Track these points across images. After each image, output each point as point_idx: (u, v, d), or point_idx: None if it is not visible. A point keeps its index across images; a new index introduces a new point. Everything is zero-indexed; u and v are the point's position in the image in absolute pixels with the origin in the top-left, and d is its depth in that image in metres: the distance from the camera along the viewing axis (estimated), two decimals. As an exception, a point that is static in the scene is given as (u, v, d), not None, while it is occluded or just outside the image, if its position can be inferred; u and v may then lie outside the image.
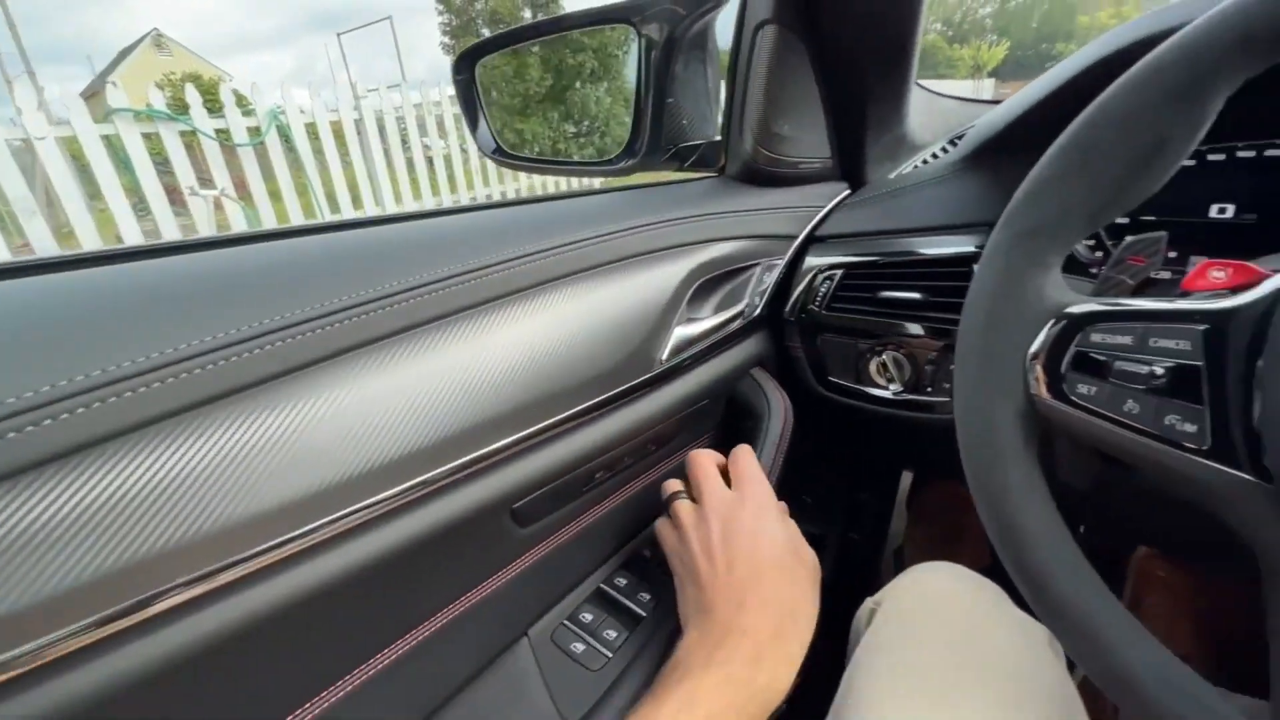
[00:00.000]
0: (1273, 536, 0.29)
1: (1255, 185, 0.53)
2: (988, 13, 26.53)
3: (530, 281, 0.43)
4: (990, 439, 0.35)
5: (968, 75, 21.46)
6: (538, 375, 0.41)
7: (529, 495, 0.43)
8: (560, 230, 0.47)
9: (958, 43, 22.98)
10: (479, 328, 0.40)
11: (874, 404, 0.66)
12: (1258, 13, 0.28)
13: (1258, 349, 0.28)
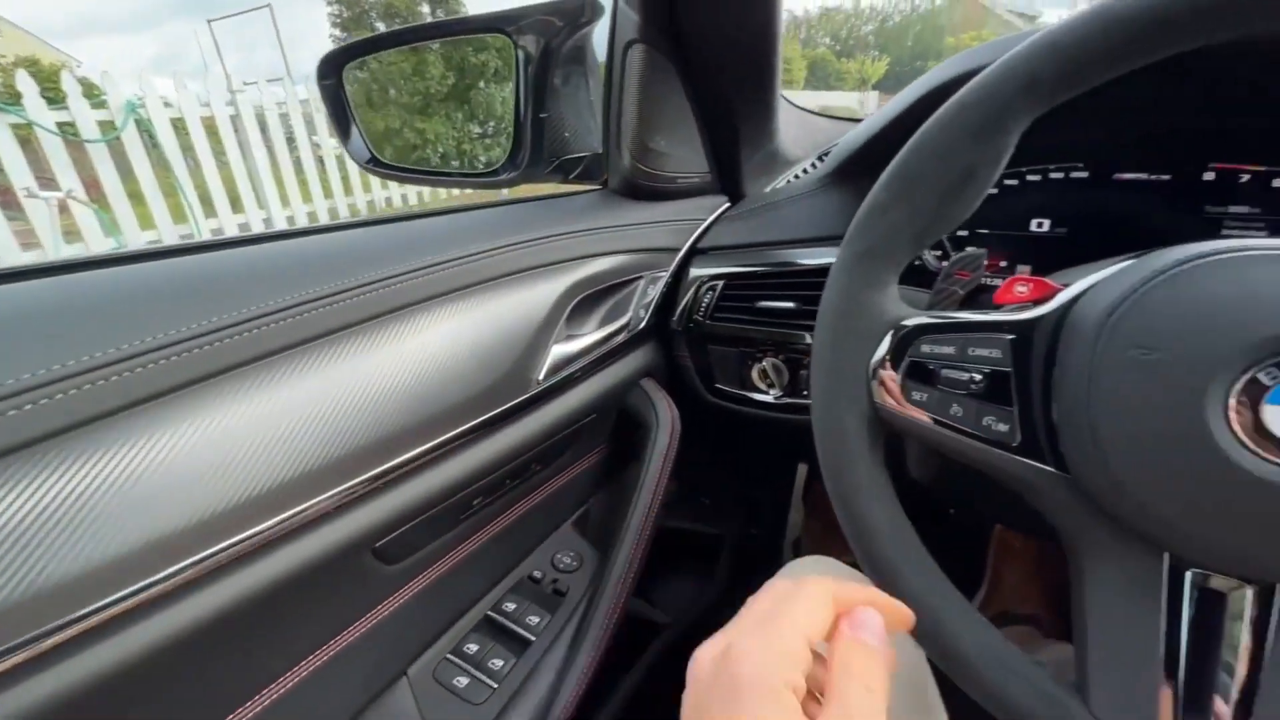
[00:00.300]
0: (1070, 521, 0.33)
1: (1064, 202, 0.61)
2: (870, 30, 28.68)
3: (394, 305, 0.41)
4: (841, 444, 0.38)
5: (855, 87, 23.07)
6: (401, 404, 0.39)
7: (393, 532, 0.41)
8: (434, 249, 0.45)
9: (845, 57, 24.65)
10: (337, 355, 0.37)
11: (758, 408, 0.69)
12: (1040, 61, 0.32)
13: (1054, 355, 0.32)
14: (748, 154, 0.72)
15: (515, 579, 0.57)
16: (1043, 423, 0.32)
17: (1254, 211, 0.55)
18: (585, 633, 0.52)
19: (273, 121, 5.02)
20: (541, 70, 0.65)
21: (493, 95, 7.61)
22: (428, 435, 0.41)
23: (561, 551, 0.61)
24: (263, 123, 4.94)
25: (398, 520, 0.40)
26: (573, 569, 0.60)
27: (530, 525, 0.58)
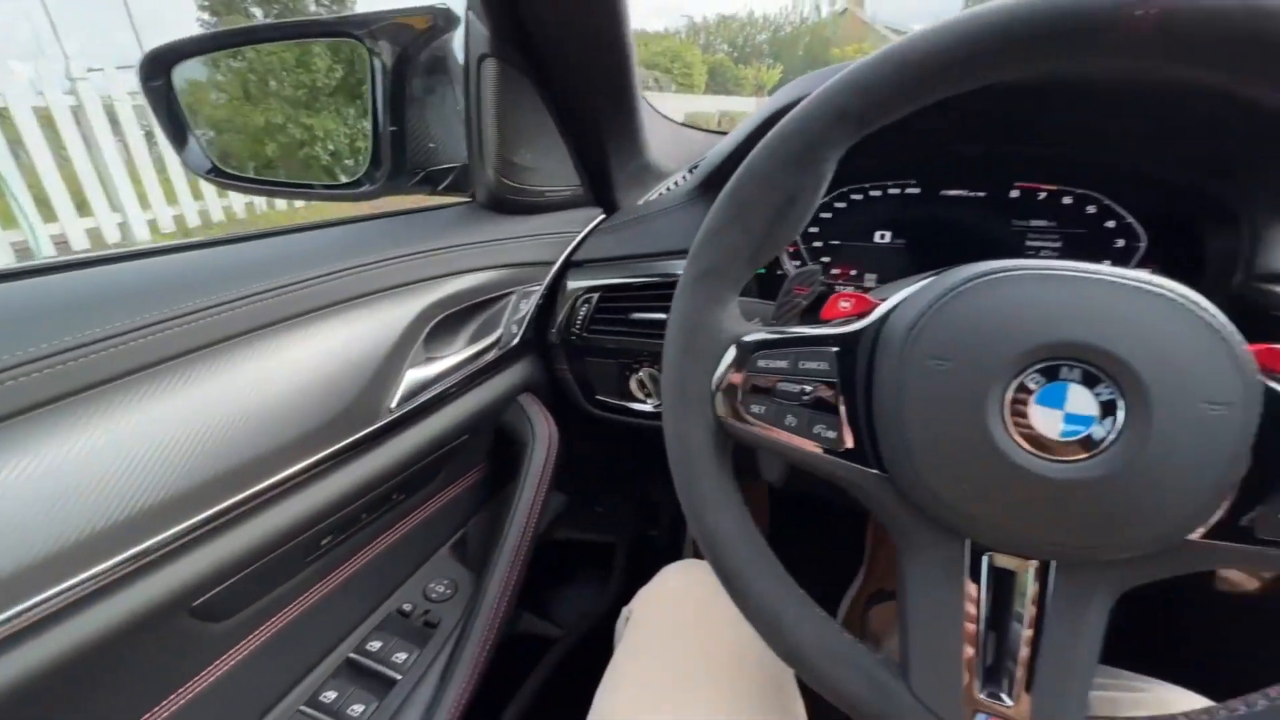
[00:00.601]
0: (892, 516, 0.36)
1: (901, 216, 0.67)
2: (764, 39, 29.97)
3: (223, 334, 0.38)
4: (689, 459, 0.39)
5: (753, 93, 24.07)
6: (228, 444, 0.36)
7: (215, 588, 0.37)
8: (284, 270, 0.42)
9: (742, 63, 25.65)
10: (154, 392, 0.34)
11: (638, 418, 0.71)
12: (845, 97, 0.35)
13: (872, 366, 0.35)
14: (619, 166, 0.73)
15: (383, 615, 0.54)
16: (865, 429, 0.35)
17: (1050, 225, 0.63)
18: (457, 663, 0.50)
19: (126, 114, 4.46)
20: (398, 78, 0.62)
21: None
22: (257, 476, 0.38)
23: (435, 580, 0.59)
24: (113, 115, 4.39)
25: (219, 574, 0.37)
26: (447, 597, 0.57)
27: (399, 556, 0.55)
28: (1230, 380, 0.28)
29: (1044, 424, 0.30)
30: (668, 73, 17.88)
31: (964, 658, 0.34)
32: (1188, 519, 0.29)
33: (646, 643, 0.49)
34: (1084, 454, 0.29)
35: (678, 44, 19.44)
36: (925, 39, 0.33)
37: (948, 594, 0.34)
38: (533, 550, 0.60)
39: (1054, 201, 0.62)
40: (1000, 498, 0.31)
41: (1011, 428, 0.30)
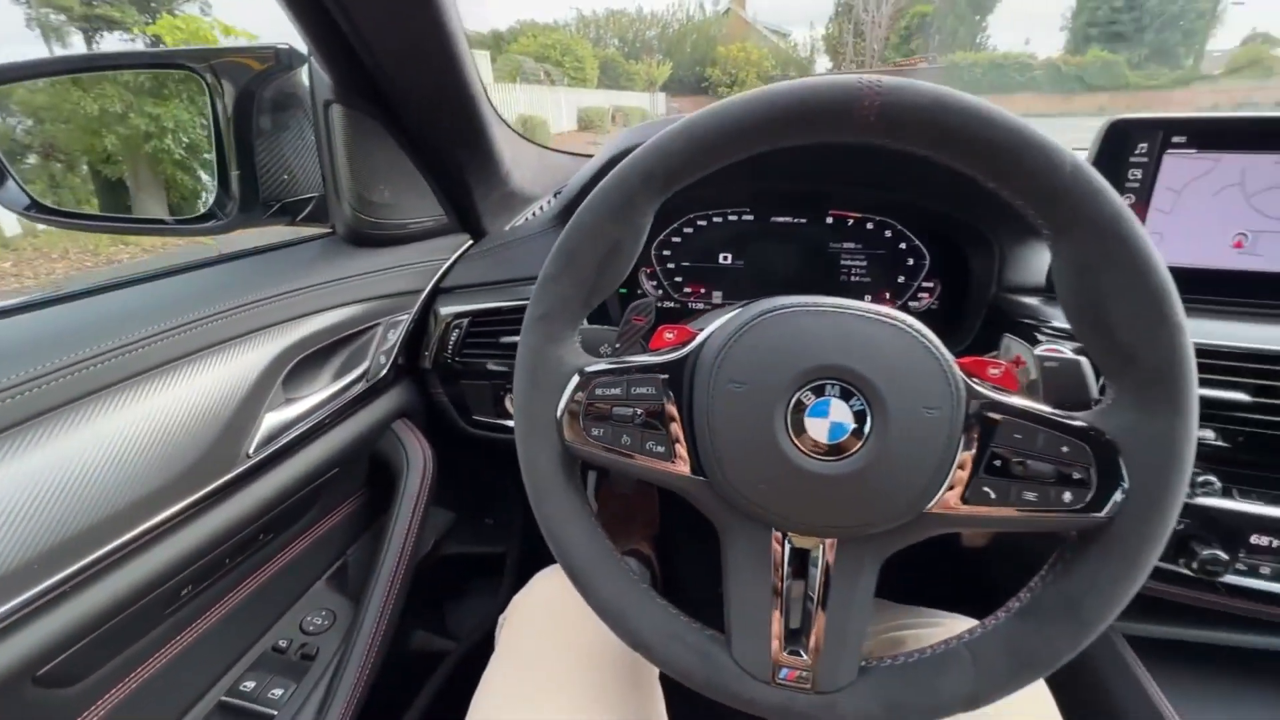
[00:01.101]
0: (713, 512, 0.42)
1: (740, 240, 0.76)
2: (654, 35, 30.55)
3: (57, 401, 0.37)
4: (540, 479, 0.44)
5: (644, 88, 24.46)
6: (72, 507, 0.36)
7: (61, 654, 0.37)
8: (138, 323, 0.41)
9: (633, 59, 25.96)
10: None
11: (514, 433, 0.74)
12: (652, 161, 0.41)
13: (691, 389, 0.41)
14: (482, 196, 0.76)
15: (257, 654, 0.55)
16: (689, 442, 0.41)
17: (858, 246, 0.74)
18: (336, 691, 0.52)
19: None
20: (242, 112, 0.61)
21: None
22: (109, 535, 0.38)
23: (312, 613, 0.60)
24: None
25: (67, 639, 0.37)
26: (324, 628, 0.59)
27: (271, 594, 0.56)
28: (941, 389, 0.37)
29: (816, 431, 0.38)
30: (559, 65, 17.69)
31: (772, 625, 0.41)
32: (921, 495, 0.38)
33: (519, 646, 0.54)
34: (846, 453, 0.37)
35: (568, 37, 19.27)
36: (711, 118, 0.40)
37: (758, 573, 0.42)
38: (413, 571, 0.63)
39: (860, 226, 0.73)
40: (790, 492, 0.39)
41: (793, 436, 0.38)
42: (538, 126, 11.41)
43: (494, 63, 15.13)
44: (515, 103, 11.96)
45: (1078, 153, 0.37)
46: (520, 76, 15.02)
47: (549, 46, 17.93)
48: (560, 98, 14.85)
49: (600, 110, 16.60)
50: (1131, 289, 0.35)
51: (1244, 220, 0.59)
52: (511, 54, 17.32)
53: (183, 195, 1.80)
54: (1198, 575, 0.56)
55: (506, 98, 11.68)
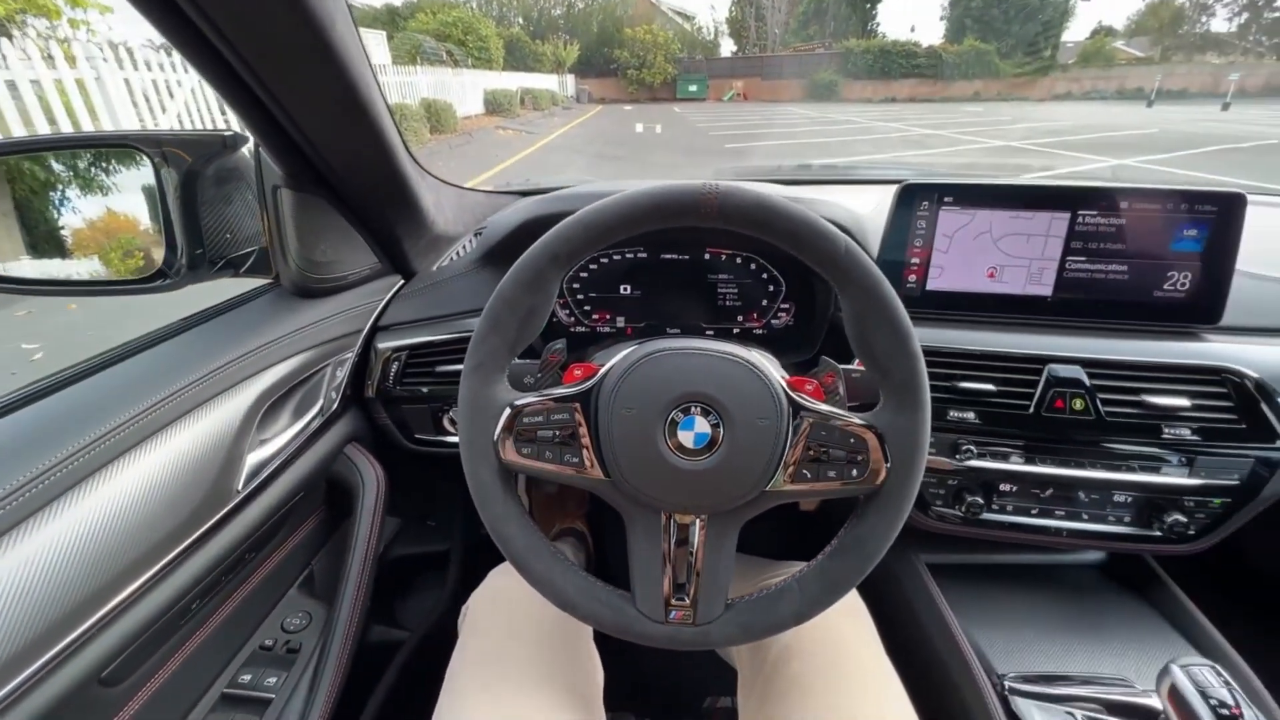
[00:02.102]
0: (618, 503, 0.57)
1: (637, 273, 0.91)
2: (559, 14, 29.98)
3: (87, 470, 0.46)
4: (483, 490, 0.57)
5: (552, 69, 24.04)
6: (114, 550, 0.46)
7: (119, 657, 0.48)
8: (129, 401, 0.50)
9: (538, 39, 25.36)
10: (51, 526, 0.43)
11: (454, 448, 0.87)
12: (556, 245, 0.54)
13: (596, 412, 0.56)
14: (411, 243, 0.87)
15: (249, 652, 0.65)
16: (596, 453, 0.56)
17: (730, 277, 0.92)
18: (321, 676, 0.64)
19: None
20: (190, 186, 0.69)
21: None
22: (144, 567, 0.48)
23: (290, 615, 0.71)
24: None
25: (117, 649, 0.47)
26: (302, 627, 0.70)
27: (256, 602, 0.66)
28: (770, 404, 0.54)
29: (686, 440, 0.53)
30: (462, 45, 16.99)
31: (663, 581, 0.57)
32: (761, 479, 0.54)
33: (480, 634, 0.66)
34: (707, 454, 0.53)
35: (470, 15, 18.51)
36: (601, 213, 0.54)
37: (653, 545, 0.57)
38: (375, 572, 0.75)
39: (732, 261, 0.91)
40: (671, 484, 0.54)
41: (670, 444, 0.53)
42: (443, 111, 10.99)
43: (390, 41, 14.31)
44: (418, 86, 11.43)
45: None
46: (420, 56, 14.31)
47: (449, 24, 17.17)
48: (465, 80, 14.32)
49: (508, 92, 16.17)
50: (886, 330, 0.54)
51: (994, 257, 0.81)
52: (410, 32, 16.45)
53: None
54: (966, 516, 0.79)
55: (408, 80, 11.14)
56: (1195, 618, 0.77)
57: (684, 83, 28.10)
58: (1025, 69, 26.33)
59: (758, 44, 35.49)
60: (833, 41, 30.42)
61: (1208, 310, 0.78)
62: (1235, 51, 35.54)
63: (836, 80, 27.04)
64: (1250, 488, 0.74)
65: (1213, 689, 0.50)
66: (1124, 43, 37.38)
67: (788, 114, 18.15)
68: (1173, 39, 37.04)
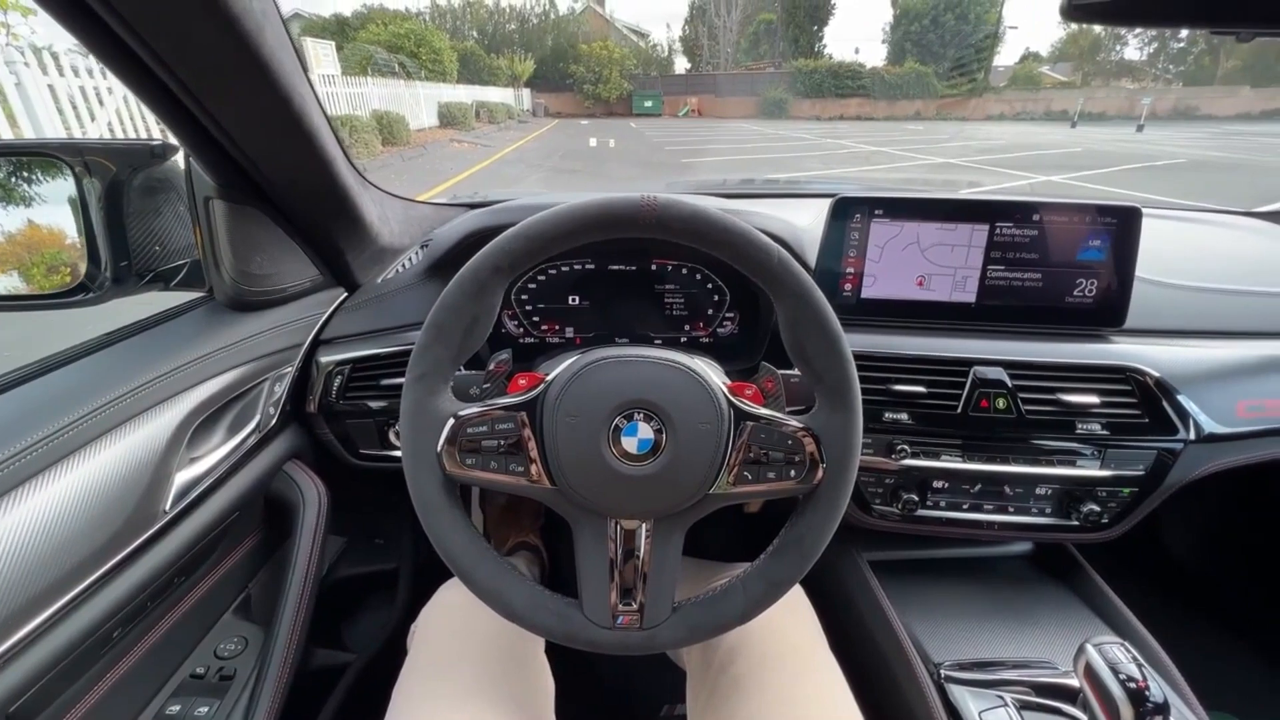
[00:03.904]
0: (565, 510, 0.57)
1: (585, 285, 0.92)
2: (514, 29, 30.02)
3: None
4: (425, 502, 0.56)
5: (507, 83, 24.01)
6: (27, 573, 0.44)
7: (30, 690, 0.45)
8: (46, 416, 0.47)
9: (493, 53, 25.31)
10: None
11: (399, 463, 0.85)
12: (498, 256, 0.55)
13: (540, 421, 0.56)
14: (354, 255, 0.85)
15: (178, 682, 0.62)
16: (542, 462, 0.56)
17: (677, 287, 0.94)
18: (257, 703, 0.61)
19: None
20: (114, 197, 0.67)
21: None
22: (59, 592, 0.46)
23: (225, 641, 0.67)
24: None
25: (32, 679, 0.45)
26: (238, 653, 0.67)
27: (186, 629, 0.63)
28: (710, 410, 0.55)
29: (629, 446, 0.54)
30: (414, 57, 16.79)
31: (611, 587, 0.58)
32: (704, 482, 0.56)
33: (430, 649, 0.65)
34: (651, 459, 0.55)
35: (422, 27, 18.32)
36: (543, 224, 0.55)
37: (600, 551, 0.58)
38: (316, 593, 0.72)
39: (678, 271, 0.93)
40: (616, 490, 0.55)
41: (614, 450, 0.54)
42: (395, 123, 10.82)
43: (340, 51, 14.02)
44: (369, 97, 11.22)
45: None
46: (372, 68, 14.07)
47: (401, 36, 16.95)
48: (418, 92, 14.14)
49: (463, 105, 16.05)
50: (818, 335, 0.56)
51: (922, 267, 0.86)
52: (360, 43, 16.17)
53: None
54: (903, 513, 0.83)
55: (358, 91, 10.93)
56: (1112, 601, 0.83)
57: (639, 98, 28.54)
58: (960, 90, 27.85)
59: (710, 62, 36.38)
60: (782, 61, 31.49)
61: (1113, 314, 0.85)
62: (1146, 78, 38.59)
63: (786, 99, 27.96)
64: (1154, 477, 0.80)
65: (1122, 665, 0.54)
66: (1049, 68, 40.07)
67: (741, 130, 18.62)
68: (1092, 65, 39.95)
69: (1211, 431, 0.79)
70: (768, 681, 0.65)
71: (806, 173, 9.45)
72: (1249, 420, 0.80)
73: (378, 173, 8.72)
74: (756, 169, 10.05)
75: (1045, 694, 0.68)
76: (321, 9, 25.29)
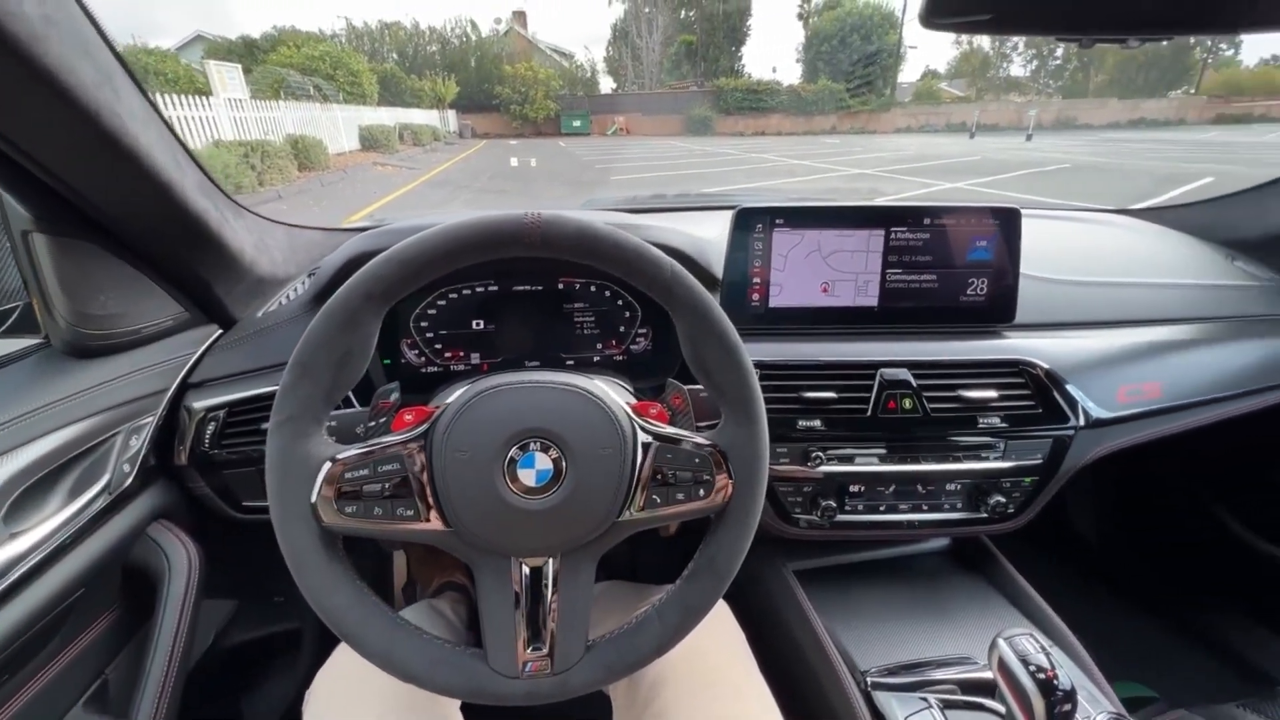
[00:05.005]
0: (464, 553, 0.53)
1: (489, 307, 0.88)
2: (435, 50, 29.55)
3: None
4: (300, 560, 0.50)
5: (432, 105, 23.56)
6: None
7: None
8: None
9: (414, 74, 24.79)
10: None
11: None
12: (369, 283, 0.50)
13: (430, 458, 0.51)
14: (225, 288, 0.78)
15: None
16: (435, 501, 0.51)
17: (586, 305, 0.91)
18: None
19: None
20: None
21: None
22: None
23: None
24: None
25: None
26: None
27: None
28: (611, 433, 0.52)
29: (527, 479, 0.51)
30: (331, 79, 16.23)
31: (518, 631, 0.54)
32: (611, 510, 0.53)
33: (329, 716, 0.59)
34: (551, 490, 0.51)
35: (338, 49, 17.73)
36: (416, 246, 0.51)
37: (504, 594, 0.54)
38: (186, 672, 0.64)
39: (587, 289, 0.91)
40: (516, 527, 0.51)
41: (510, 485, 0.50)
42: (312, 147, 10.38)
43: (249, 74, 13.36)
44: (283, 121, 10.73)
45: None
46: (285, 91, 13.48)
47: (315, 59, 16.34)
48: (337, 115, 13.65)
49: (385, 128, 15.61)
50: (717, 348, 0.55)
51: (825, 274, 0.87)
52: (271, 65, 15.47)
53: None
54: (824, 520, 0.82)
55: (270, 115, 10.44)
56: (1023, 588, 0.85)
57: (568, 118, 28.68)
58: (870, 105, 29.59)
59: (636, 82, 37.12)
60: (704, 80, 32.53)
61: (1003, 311, 0.89)
62: (1031, 91, 42.40)
63: (711, 116, 28.83)
64: (1051, 464, 0.83)
65: (1031, 656, 0.55)
66: (947, 84, 43.33)
67: (670, 147, 19.01)
68: (984, 81, 43.52)
69: (1098, 417, 0.83)
70: (695, 706, 0.63)
71: (736, 186, 9.74)
72: (1129, 404, 0.85)
73: (294, 199, 8.32)
74: (687, 184, 10.27)
75: (968, 690, 0.69)
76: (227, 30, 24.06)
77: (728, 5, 34.50)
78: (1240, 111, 28.29)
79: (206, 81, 9.35)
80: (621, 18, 38.20)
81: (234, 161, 7.41)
